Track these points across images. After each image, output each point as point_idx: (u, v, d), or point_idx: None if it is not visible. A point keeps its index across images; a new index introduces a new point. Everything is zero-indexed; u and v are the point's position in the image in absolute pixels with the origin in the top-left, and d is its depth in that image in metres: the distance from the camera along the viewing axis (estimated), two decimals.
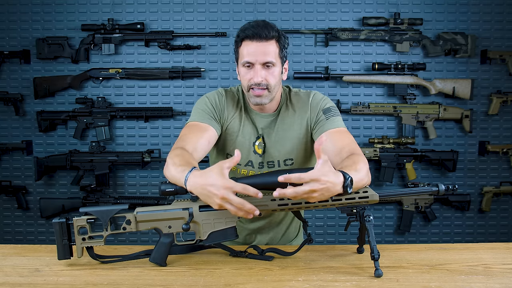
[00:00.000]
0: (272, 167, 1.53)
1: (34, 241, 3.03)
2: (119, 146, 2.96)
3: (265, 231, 1.64)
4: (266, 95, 1.44)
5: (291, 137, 1.53)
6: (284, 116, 1.54)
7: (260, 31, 1.38)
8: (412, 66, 2.83)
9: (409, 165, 2.87)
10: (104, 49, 2.87)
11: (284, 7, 2.89)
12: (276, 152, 1.52)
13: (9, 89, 2.94)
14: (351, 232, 2.94)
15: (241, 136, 1.53)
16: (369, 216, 1.24)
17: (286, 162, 1.54)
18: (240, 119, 1.53)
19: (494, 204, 3.00)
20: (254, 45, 1.39)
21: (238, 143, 1.52)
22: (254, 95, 1.44)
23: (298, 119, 1.53)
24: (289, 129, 1.53)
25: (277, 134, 1.53)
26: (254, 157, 1.53)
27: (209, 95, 1.55)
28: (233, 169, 1.52)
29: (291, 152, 1.53)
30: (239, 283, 1.18)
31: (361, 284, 1.16)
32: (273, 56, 1.41)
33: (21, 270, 1.27)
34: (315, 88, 2.91)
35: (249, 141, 1.53)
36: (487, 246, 1.45)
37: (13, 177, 3.00)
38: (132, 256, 1.34)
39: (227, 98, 1.54)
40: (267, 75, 1.41)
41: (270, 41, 1.40)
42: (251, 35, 1.39)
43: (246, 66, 1.43)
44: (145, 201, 2.85)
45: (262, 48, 1.39)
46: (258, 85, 1.41)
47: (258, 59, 1.40)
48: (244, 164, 1.53)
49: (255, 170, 1.53)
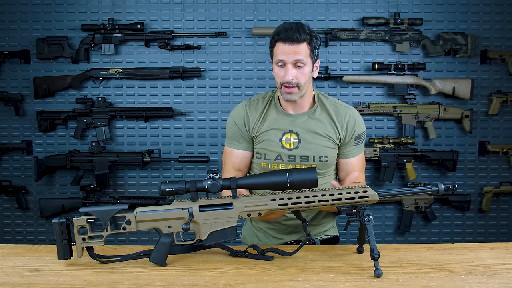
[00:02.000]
0: (306, 161, 1.59)
1: (34, 241, 3.03)
2: (119, 146, 2.96)
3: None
4: (296, 93, 1.54)
5: (326, 137, 1.61)
6: (320, 117, 1.62)
7: (292, 34, 1.49)
8: (412, 66, 2.83)
9: (409, 165, 2.87)
10: (104, 49, 2.87)
11: (284, 7, 2.89)
12: (312, 148, 1.59)
13: (9, 89, 2.94)
14: (351, 232, 2.94)
15: (267, 135, 1.61)
16: (369, 216, 1.24)
17: (321, 158, 1.60)
18: (265, 121, 1.63)
19: (494, 204, 3.00)
20: (287, 47, 1.50)
21: (264, 142, 1.62)
22: (285, 92, 1.54)
23: (332, 126, 1.62)
24: (325, 129, 1.61)
25: (313, 131, 1.60)
26: (283, 151, 1.60)
27: (234, 114, 1.68)
28: (264, 164, 1.62)
29: (326, 150, 1.60)
30: (239, 283, 1.18)
31: (361, 284, 1.16)
32: (304, 56, 1.51)
33: (21, 270, 1.27)
34: (315, 88, 2.90)
35: (276, 137, 1.60)
36: (487, 246, 1.46)
37: (13, 177, 3.00)
38: (132, 256, 1.34)
39: (250, 109, 1.65)
40: (297, 74, 1.52)
41: (302, 44, 1.50)
42: (284, 38, 1.50)
43: (279, 65, 1.53)
44: (145, 201, 2.85)
45: (293, 49, 1.50)
46: (289, 83, 1.51)
47: (290, 59, 1.50)
48: (273, 159, 1.61)
49: (284, 163, 1.60)
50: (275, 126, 1.61)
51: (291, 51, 1.49)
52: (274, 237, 1.70)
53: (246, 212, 1.28)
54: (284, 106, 1.63)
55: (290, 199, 1.27)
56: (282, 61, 1.52)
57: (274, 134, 1.61)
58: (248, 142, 1.66)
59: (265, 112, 1.64)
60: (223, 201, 1.29)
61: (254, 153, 1.66)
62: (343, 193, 1.26)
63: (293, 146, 1.60)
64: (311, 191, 1.28)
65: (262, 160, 1.62)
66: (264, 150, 1.61)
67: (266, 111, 1.64)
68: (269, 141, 1.61)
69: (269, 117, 1.63)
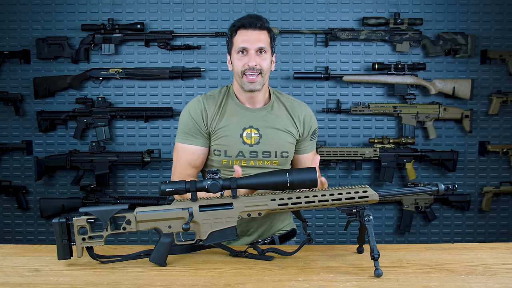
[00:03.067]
0: (268, 157, 1.57)
1: (34, 241, 3.03)
2: (119, 146, 2.96)
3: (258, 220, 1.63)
4: (259, 81, 1.53)
5: (286, 132, 1.60)
6: (278, 112, 1.62)
7: (255, 21, 1.52)
8: (412, 66, 2.83)
9: (409, 165, 2.87)
10: (104, 49, 2.87)
11: (284, 7, 2.89)
12: (274, 143, 1.58)
13: (9, 89, 2.94)
14: (351, 232, 2.94)
15: (226, 130, 1.56)
16: (369, 216, 1.24)
17: (282, 154, 1.59)
18: (223, 116, 1.58)
19: (494, 204, 3.00)
20: (249, 33, 1.52)
21: (224, 138, 1.57)
22: (247, 81, 1.53)
23: (291, 121, 1.62)
24: (284, 125, 1.60)
25: (272, 126, 1.59)
26: (244, 147, 1.56)
27: (190, 107, 1.60)
28: (224, 161, 1.57)
29: (286, 145, 1.60)
30: (239, 283, 1.18)
31: (361, 284, 1.16)
32: (266, 44, 1.53)
33: (21, 270, 1.27)
34: (315, 88, 2.91)
35: (236, 133, 1.56)
36: (487, 246, 1.46)
37: (13, 177, 3.00)
38: (132, 256, 1.34)
39: (208, 103, 1.59)
40: (260, 61, 1.52)
41: (263, 31, 1.53)
42: (247, 24, 1.52)
43: (240, 53, 1.53)
44: (145, 201, 2.85)
45: (256, 35, 1.52)
46: (252, 69, 1.51)
47: (253, 46, 1.51)
48: (235, 155, 1.57)
49: (246, 159, 1.56)
50: (234, 121, 1.56)
51: (253, 37, 1.50)
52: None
53: (246, 212, 1.28)
54: (242, 100, 1.60)
55: (290, 199, 1.27)
56: (244, 49, 1.51)
57: (234, 129, 1.56)
58: (205, 138, 1.58)
59: (223, 106, 1.59)
60: (223, 201, 1.29)
61: (212, 150, 1.58)
62: (343, 193, 1.26)
63: (255, 141, 1.56)
64: (311, 191, 1.28)
65: (222, 157, 1.56)
66: (223, 146, 1.56)
67: (223, 105, 1.59)
68: (229, 137, 1.55)
69: (227, 112, 1.58)
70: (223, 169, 1.58)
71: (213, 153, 1.58)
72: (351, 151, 2.83)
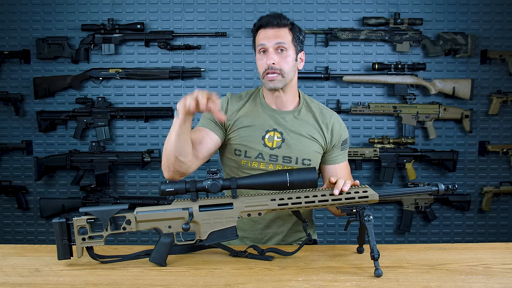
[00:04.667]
0: (289, 163, 1.54)
1: (34, 241, 3.03)
2: (119, 146, 2.96)
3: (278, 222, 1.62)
4: (280, 80, 1.50)
5: (310, 139, 1.56)
6: (305, 118, 1.58)
7: (273, 19, 1.50)
8: (412, 66, 2.83)
9: (409, 165, 2.87)
10: (104, 49, 2.87)
11: (284, 7, 2.89)
12: (296, 149, 1.54)
13: (9, 89, 2.94)
14: (351, 232, 2.94)
15: (249, 130, 1.55)
16: (369, 216, 1.24)
17: (304, 161, 1.55)
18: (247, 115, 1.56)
19: (494, 204, 3.00)
20: (268, 31, 1.50)
21: (246, 138, 1.55)
22: (268, 79, 1.50)
23: (317, 129, 1.58)
24: (309, 131, 1.57)
25: (297, 132, 1.56)
26: (264, 150, 1.54)
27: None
28: (243, 162, 1.55)
29: (310, 153, 1.56)
30: (239, 283, 1.18)
31: (361, 284, 1.16)
32: (285, 40, 1.49)
33: (21, 270, 1.27)
34: (315, 88, 2.91)
35: (258, 134, 1.54)
36: (487, 246, 1.46)
37: (13, 177, 3.00)
38: (132, 256, 1.34)
39: (232, 100, 1.60)
40: (280, 60, 1.49)
41: (283, 28, 1.51)
42: (265, 23, 1.50)
43: (261, 52, 1.51)
44: (145, 201, 2.85)
45: (274, 32, 1.50)
46: (271, 68, 1.48)
47: (271, 43, 1.49)
48: (254, 157, 1.54)
49: (266, 162, 1.54)
50: (258, 122, 1.55)
51: (271, 35, 1.49)
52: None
53: (246, 212, 1.28)
54: (268, 101, 1.58)
55: (290, 199, 1.27)
56: (263, 46, 1.50)
57: (257, 130, 1.54)
58: (222, 131, 1.56)
59: (246, 104, 1.59)
60: (223, 201, 1.29)
61: (232, 149, 1.56)
62: (343, 193, 1.27)
63: (276, 145, 1.54)
64: (311, 191, 1.28)
65: (242, 157, 1.54)
66: (244, 146, 1.54)
67: (247, 103, 1.59)
68: (251, 137, 1.54)
69: (253, 112, 1.57)
70: (241, 170, 1.56)
71: (234, 152, 1.56)
72: (351, 151, 2.83)
